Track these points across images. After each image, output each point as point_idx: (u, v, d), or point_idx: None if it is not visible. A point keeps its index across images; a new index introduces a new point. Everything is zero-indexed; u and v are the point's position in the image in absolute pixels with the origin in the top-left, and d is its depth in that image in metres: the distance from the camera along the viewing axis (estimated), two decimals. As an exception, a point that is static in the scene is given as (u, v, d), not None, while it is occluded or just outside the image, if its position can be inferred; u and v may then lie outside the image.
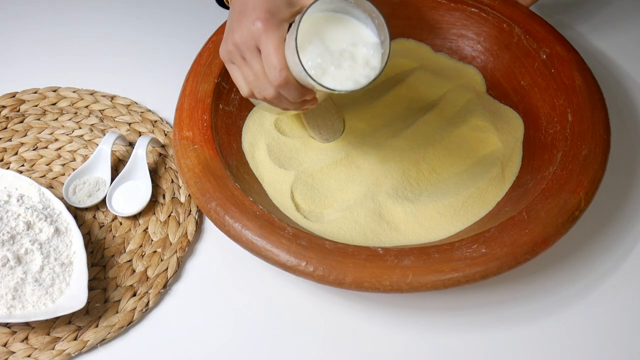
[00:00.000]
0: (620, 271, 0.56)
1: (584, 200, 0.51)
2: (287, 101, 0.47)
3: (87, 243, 0.57)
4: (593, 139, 0.54)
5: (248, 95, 0.48)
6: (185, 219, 0.59)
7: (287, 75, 0.43)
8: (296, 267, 0.48)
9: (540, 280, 0.55)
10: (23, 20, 0.79)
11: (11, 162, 0.64)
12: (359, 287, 0.47)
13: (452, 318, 0.53)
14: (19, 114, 0.68)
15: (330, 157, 0.60)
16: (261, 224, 0.49)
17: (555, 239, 0.49)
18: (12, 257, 0.51)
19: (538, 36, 0.62)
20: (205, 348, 0.52)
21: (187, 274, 0.57)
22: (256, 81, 0.46)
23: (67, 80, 0.71)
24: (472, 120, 0.62)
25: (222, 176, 0.53)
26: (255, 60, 0.45)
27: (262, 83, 0.45)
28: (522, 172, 0.59)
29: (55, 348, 0.51)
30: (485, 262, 0.47)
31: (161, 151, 0.64)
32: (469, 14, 0.67)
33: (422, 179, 0.59)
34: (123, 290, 0.54)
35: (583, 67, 0.60)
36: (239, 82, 0.48)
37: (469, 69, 0.68)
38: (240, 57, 0.46)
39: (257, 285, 0.55)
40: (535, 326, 0.53)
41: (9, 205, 0.55)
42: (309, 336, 0.53)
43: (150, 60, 0.73)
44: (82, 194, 0.60)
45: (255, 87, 0.46)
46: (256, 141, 0.61)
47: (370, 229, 0.55)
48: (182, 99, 0.58)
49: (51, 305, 0.51)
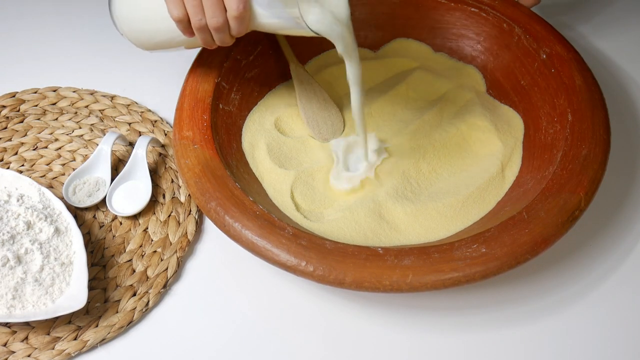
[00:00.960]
0: (620, 271, 0.56)
1: (584, 200, 0.51)
2: (224, 35, 0.51)
3: (87, 243, 0.57)
4: (593, 139, 0.54)
5: (178, 18, 0.50)
6: (185, 219, 0.59)
7: (247, 7, 0.48)
8: (296, 267, 0.48)
9: (540, 280, 0.55)
10: (23, 20, 0.79)
11: (11, 162, 0.64)
12: (359, 287, 0.47)
13: (452, 318, 0.53)
14: (19, 114, 0.68)
15: (331, 156, 0.60)
16: (261, 224, 0.49)
17: (555, 239, 0.49)
18: (12, 257, 0.51)
19: (538, 36, 0.62)
20: (205, 348, 0.52)
21: (187, 274, 0.57)
22: (205, 7, 0.48)
23: (67, 80, 0.71)
24: (472, 120, 0.62)
25: (222, 176, 0.53)
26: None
27: (212, 10, 0.48)
28: (522, 172, 0.59)
29: (55, 348, 0.51)
30: (485, 262, 0.47)
31: (161, 151, 0.64)
32: (469, 14, 0.67)
33: (422, 179, 0.59)
34: (123, 290, 0.54)
35: (583, 67, 0.60)
36: (174, 4, 0.49)
37: (469, 69, 0.68)
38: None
39: (257, 285, 0.55)
40: (535, 326, 0.53)
41: (9, 205, 0.55)
42: (309, 336, 0.53)
43: (150, 60, 0.73)
44: (82, 194, 0.60)
45: (196, 14, 0.49)
46: (256, 141, 0.61)
47: (370, 229, 0.55)
48: (182, 99, 0.58)
49: (51, 305, 0.51)
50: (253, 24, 0.51)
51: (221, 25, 0.50)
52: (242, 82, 0.63)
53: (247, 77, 0.63)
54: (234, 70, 0.62)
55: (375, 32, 0.70)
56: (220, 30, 0.50)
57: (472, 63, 0.68)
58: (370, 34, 0.70)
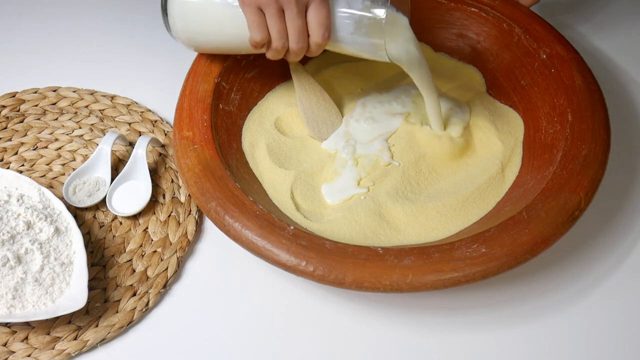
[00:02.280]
0: (620, 271, 0.56)
1: (584, 200, 0.51)
2: (300, 56, 0.54)
3: (87, 243, 0.57)
4: (593, 139, 0.54)
5: (261, 42, 0.52)
6: (185, 219, 0.59)
7: (331, 35, 0.52)
8: (296, 267, 0.48)
9: (540, 280, 0.55)
10: (23, 20, 0.79)
11: (11, 162, 0.64)
12: (359, 287, 0.47)
13: (452, 318, 0.53)
14: (19, 113, 0.68)
15: (331, 156, 0.60)
16: (261, 224, 0.49)
17: (555, 239, 0.49)
18: (12, 257, 0.51)
19: (538, 36, 0.62)
20: (205, 348, 0.52)
21: (187, 274, 0.57)
22: (290, 33, 0.52)
23: (67, 80, 0.71)
24: (472, 120, 0.62)
25: (222, 176, 0.53)
26: (300, 15, 0.51)
27: (297, 36, 0.52)
28: (522, 172, 0.59)
29: (55, 348, 0.51)
30: (485, 262, 0.47)
31: (161, 151, 0.64)
32: (469, 14, 0.67)
33: (422, 179, 0.59)
34: (123, 290, 0.54)
35: (583, 67, 0.60)
36: (258, 28, 0.52)
37: (469, 69, 0.68)
38: (277, 9, 0.51)
39: (257, 285, 0.55)
40: (535, 326, 0.53)
41: (9, 205, 0.55)
42: (308, 336, 0.53)
43: (150, 60, 0.73)
44: (82, 194, 0.60)
45: (280, 38, 0.52)
46: (256, 141, 0.61)
47: (370, 229, 0.55)
48: (182, 99, 0.58)
49: (51, 305, 0.51)
50: (330, 45, 0.54)
51: (303, 49, 0.53)
52: (242, 82, 0.63)
53: (247, 77, 0.63)
54: (234, 70, 0.62)
55: (375, 32, 0.70)
56: (300, 53, 0.53)
57: (472, 63, 0.68)
58: (370, 34, 0.70)
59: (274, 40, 0.52)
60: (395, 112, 0.63)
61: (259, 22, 0.51)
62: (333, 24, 0.52)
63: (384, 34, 0.51)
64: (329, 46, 0.54)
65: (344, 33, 0.53)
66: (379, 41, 0.52)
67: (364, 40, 0.52)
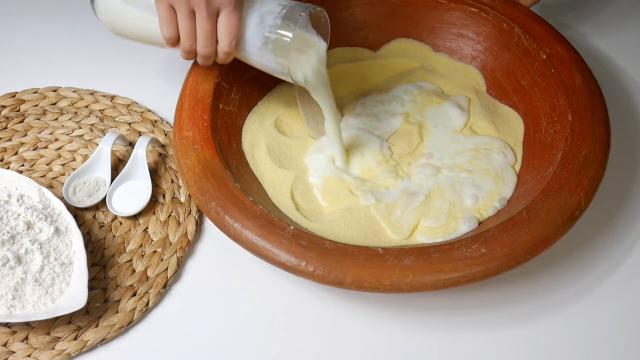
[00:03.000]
0: (620, 271, 0.56)
1: (584, 200, 0.51)
2: (209, 61, 0.54)
3: (87, 243, 0.57)
4: (593, 139, 0.54)
5: (169, 39, 0.53)
6: (185, 219, 0.59)
7: (238, 46, 0.52)
8: (296, 267, 0.47)
9: (540, 280, 0.55)
10: (23, 20, 0.79)
11: (11, 162, 0.64)
12: (359, 287, 0.47)
13: (452, 318, 0.53)
14: (19, 114, 0.68)
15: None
16: (261, 224, 0.49)
17: (555, 239, 0.49)
18: (12, 257, 0.51)
19: (538, 36, 0.62)
20: (205, 348, 0.52)
21: (187, 274, 0.57)
22: (198, 36, 0.52)
23: (67, 80, 0.71)
24: (472, 120, 0.62)
25: (222, 176, 0.53)
26: (210, 20, 0.51)
27: (204, 40, 0.52)
28: (522, 172, 0.59)
29: (55, 348, 0.51)
30: (485, 262, 0.47)
31: (161, 151, 0.64)
32: (469, 14, 0.67)
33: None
34: (123, 290, 0.54)
35: (583, 67, 0.60)
36: (168, 25, 0.52)
37: (469, 69, 0.68)
38: (188, 9, 0.50)
39: (257, 285, 0.55)
40: (535, 326, 0.53)
41: (9, 205, 0.55)
42: (308, 336, 0.53)
43: (150, 60, 0.73)
44: (82, 194, 0.60)
45: (188, 39, 0.52)
46: (256, 141, 0.61)
47: (370, 229, 0.55)
48: (182, 99, 0.58)
49: (51, 305, 0.51)
50: (240, 55, 0.54)
51: (210, 54, 0.53)
52: (242, 82, 0.63)
53: (247, 77, 0.63)
54: (234, 70, 0.62)
55: (375, 32, 0.70)
56: (208, 58, 0.54)
57: (472, 63, 0.68)
58: (370, 34, 0.70)
59: (182, 41, 0.52)
60: (395, 112, 0.63)
61: (168, 19, 0.52)
62: (243, 34, 0.52)
63: (287, 55, 0.51)
64: (239, 56, 0.54)
65: (252, 47, 0.53)
66: (283, 61, 0.52)
67: (269, 57, 0.52)
